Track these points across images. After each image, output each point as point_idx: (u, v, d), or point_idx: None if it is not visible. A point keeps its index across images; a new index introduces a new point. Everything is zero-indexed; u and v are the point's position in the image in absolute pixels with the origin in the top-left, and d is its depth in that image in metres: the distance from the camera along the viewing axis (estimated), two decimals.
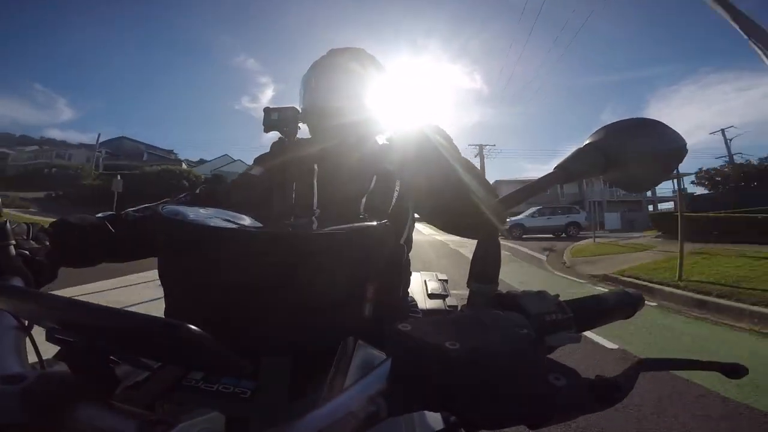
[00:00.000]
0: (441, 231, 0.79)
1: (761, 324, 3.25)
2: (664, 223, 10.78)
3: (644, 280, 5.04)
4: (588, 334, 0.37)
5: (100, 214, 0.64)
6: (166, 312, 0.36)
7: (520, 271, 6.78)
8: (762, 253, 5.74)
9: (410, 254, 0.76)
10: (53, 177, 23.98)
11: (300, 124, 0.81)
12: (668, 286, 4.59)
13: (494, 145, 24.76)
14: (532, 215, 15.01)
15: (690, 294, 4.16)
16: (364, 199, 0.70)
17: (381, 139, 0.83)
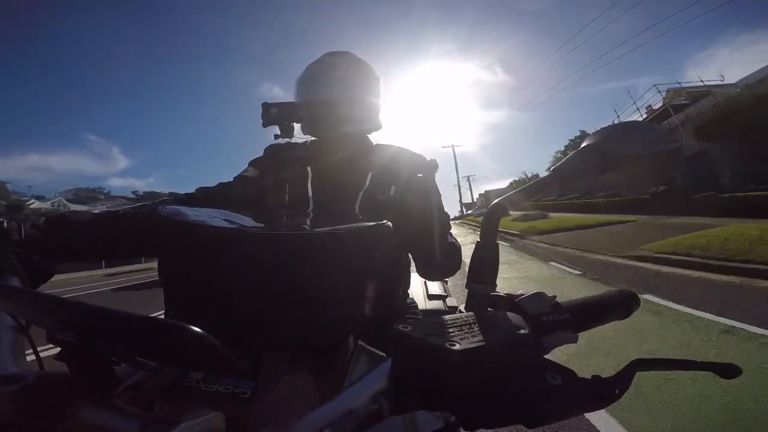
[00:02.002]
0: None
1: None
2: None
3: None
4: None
5: (96, 210, 0.64)
6: (166, 312, 0.36)
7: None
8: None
9: None
10: None
11: (293, 124, 0.81)
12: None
13: (474, 175, 40.31)
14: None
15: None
16: (359, 199, 0.70)
17: (374, 138, 0.83)
